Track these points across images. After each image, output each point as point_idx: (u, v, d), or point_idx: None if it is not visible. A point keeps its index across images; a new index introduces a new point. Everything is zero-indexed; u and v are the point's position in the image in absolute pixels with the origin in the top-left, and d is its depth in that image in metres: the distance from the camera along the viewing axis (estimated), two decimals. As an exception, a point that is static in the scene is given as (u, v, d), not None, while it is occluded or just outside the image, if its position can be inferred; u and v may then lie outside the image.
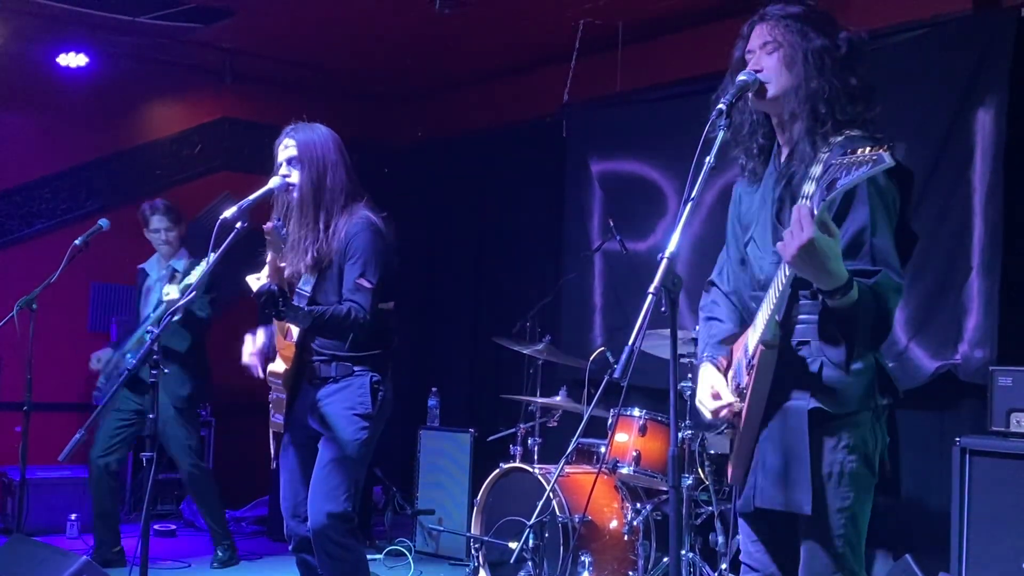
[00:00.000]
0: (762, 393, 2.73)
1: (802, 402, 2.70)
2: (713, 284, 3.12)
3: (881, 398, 2.73)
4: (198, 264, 5.90)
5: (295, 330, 4.02)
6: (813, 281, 2.54)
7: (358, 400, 3.99)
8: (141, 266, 6.30)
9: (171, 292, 5.63)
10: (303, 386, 4.08)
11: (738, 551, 3.02)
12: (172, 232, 6.14)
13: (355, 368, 4.02)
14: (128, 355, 5.93)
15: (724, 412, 2.83)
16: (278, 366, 4.03)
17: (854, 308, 2.53)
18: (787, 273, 2.59)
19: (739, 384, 2.83)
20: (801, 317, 2.74)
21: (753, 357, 2.73)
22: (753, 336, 2.76)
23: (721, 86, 2.89)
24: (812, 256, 2.42)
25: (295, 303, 3.87)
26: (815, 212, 2.40)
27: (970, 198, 5.30)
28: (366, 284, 3.91)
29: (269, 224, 3.70)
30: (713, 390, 2.86)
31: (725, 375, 2.92)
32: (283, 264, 3.82)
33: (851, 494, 2.68)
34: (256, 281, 3.83)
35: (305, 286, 4.00)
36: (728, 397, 2.83)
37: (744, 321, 2.95)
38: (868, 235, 2.59)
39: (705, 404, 2.87)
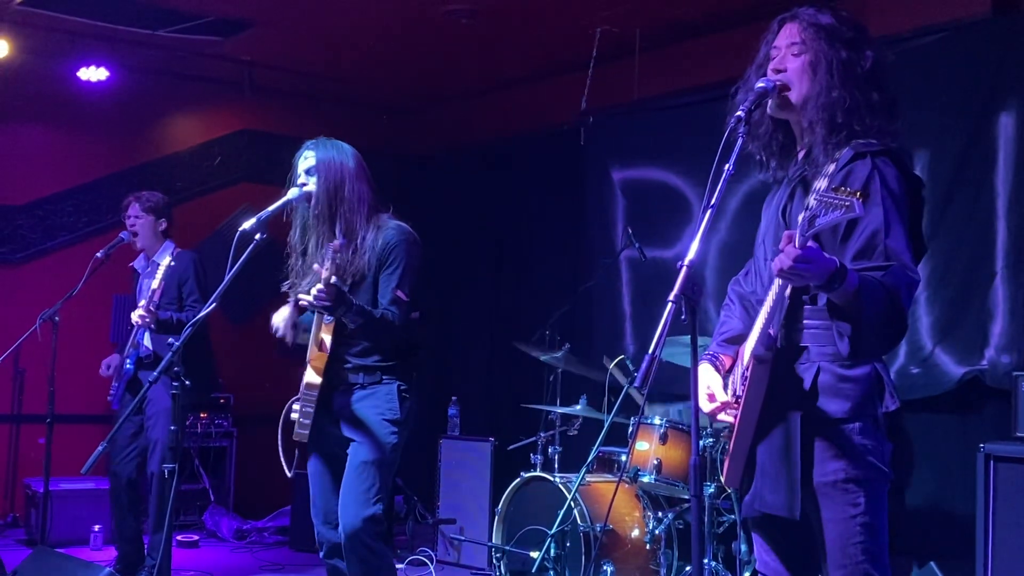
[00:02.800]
0: (754, 405, 2.73)
1: (797, 407, 2.69)
2: (737, 282, 3.13)
3: (881, 406, 2.71)
4: (180, 261, 5.89)
5: (328, 341, 4.03)
6: (812, 283, 2.53)
7: (387, 406, 4.04)
8: (132, 264, 6.20)
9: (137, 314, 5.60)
10: (332, 394, 4.11)
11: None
12: (140, 220, 5.99)
13: (384, 376, 4.07)
14: (127, 360, 5.90)
15: (720, 414, 2.87)
16: (313, 377, 4.04)
17: (857, 299, 2.50)
18: (780, 289, 2.61)
19: (735, 392, 2.84)
20: (805, 322, 2.73)
21: (747, 369, 2.74)
22: (748, 346, 2.77)
23: (743, 79, 2.90)
24: (802, 266, 2.45)
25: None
26: (796, 244, 2.44)
27: (993, 202, 5.27)
28: (402, 296, 3.99)
29: (337, 242, 3.75)
30: (708, 391, 2.89)
31: (726, 374, 2.93)
32: (306, 278, 3.85)
33: (861, 500, 2.66)
34: (307, 296, 3.83)
35: None
36: (721, 396, 2.86)
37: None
38: (882, 237, 2.58)
39: (703, 407, 2.89)
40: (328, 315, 3.93)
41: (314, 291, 3.73)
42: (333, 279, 3.72)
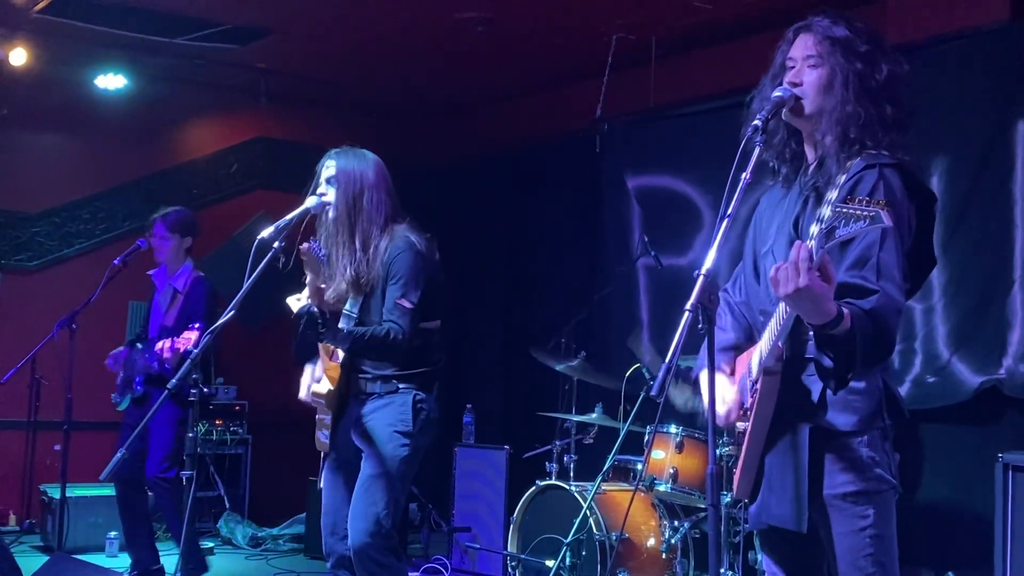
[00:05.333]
0: (765, 416, 2.72)
1: (805, 420, 2.68)
2: (725, 291, 3.10)
3: (888, 418, 2.70)
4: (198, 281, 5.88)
5: (340, 351, 4.04)
6: (803, 317, 2.51)
7: (399, 417, 4.00)
8: (151, 273, 6.11)
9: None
10: (349, 404, 4.10)
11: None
12: (167, 242, 5.93)
13: (400, 386, 4.05)
14: (136, 381, 5.86)
15: (734, 415, 2.87)
16: (322, 387, 4.05)
17: (848, 335, 2.48)
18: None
19: (743, 404, 2.83)
20: (810, 334, 2.69)
21: (756, 382, 2.73)
22: (757, 357, 2.75)
23: (758, 88, 2.89)
24: (804, 300, 2.41)
25: (343, 324, 3.97)
26: (814, 257, 2.38)
27: (1011, 210, 5.25)
28: (406, 304, 3.94)
29: (305, 245, 3.74)
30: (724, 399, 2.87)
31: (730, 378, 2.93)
32: (323, 285, 3.85)
33: (869, 512, 2.66)
34: (296, 302, 3.85)
35: (352, 308, 4.04)
36: (724, 408, 2.86)
37: (750, 333, 2.94)
38: (876, 250, 2.56)
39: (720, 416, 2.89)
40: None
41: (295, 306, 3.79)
42: (312, 308, 3.75)
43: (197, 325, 5.55)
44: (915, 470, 5.44)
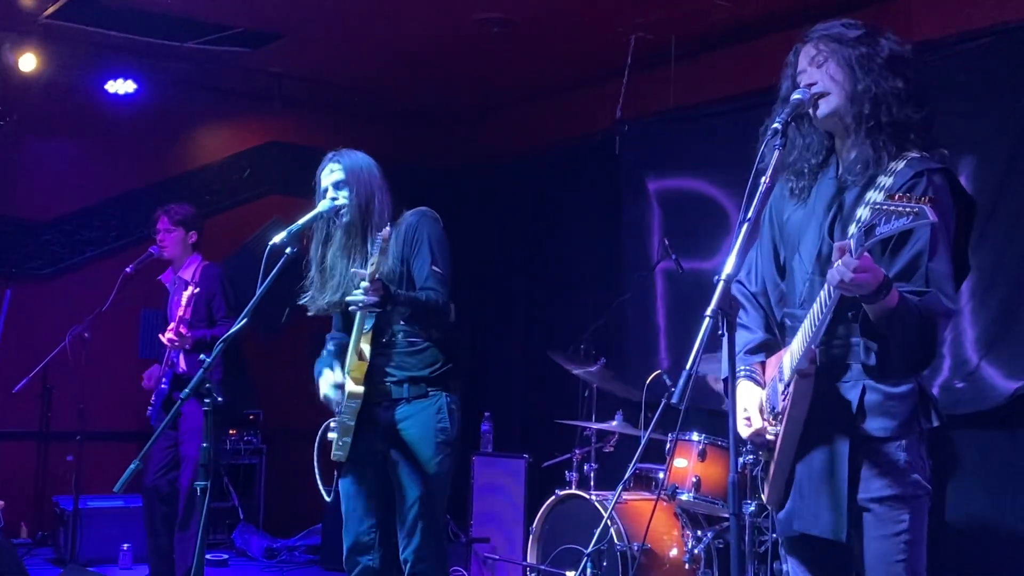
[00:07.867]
0: (798, 419, 2.74)
1: (842, 427, 2.70)
2: (740, 283, 3.07)
3: (925, 422, 2.73)
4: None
5: (367, 351, 3.95)
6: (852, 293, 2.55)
7: (438, 426, 3.98)
8: (160, 278, 6.08)
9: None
10: (375, 410, 4.01)
11: None
12: (171, 234, 5.93)
13: (429, 390, 4.01)
14: (163, 379, 5.82)
15: (757, 439, 2.89)
16: (354, 388, 3.93)
17: (891, 316, 2.52)
18: (826, 304, 2.60)
19: (774, 407, 2.84)
20: (851, 339, 2.72)
21: (789, 384, 2.74)
22: (789, 360, 2.77)
23: (773, 112, 2.90)
24: (853, 287, 2.48)
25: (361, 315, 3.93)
26: (853, 253, 2.42)
27: (1040, 211, 5.17)
28: (439, 271, 3.95)
29: (387, 230, 3.69)
30: (745, 414, 2.88)
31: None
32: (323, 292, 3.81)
33: (905, 517, 2.67)
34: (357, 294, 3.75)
35: None
36: (758, 422, 2.87)
37: (770, 325, 2.97)
38: (925, 260, 2.62)
39: (740, 432, 2.91)
40: (377, 309, 3.83)
41: (359, 291, 3.69)
42: (377, 275, 3.69)
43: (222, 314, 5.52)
44: (946, 476, 5.36)
